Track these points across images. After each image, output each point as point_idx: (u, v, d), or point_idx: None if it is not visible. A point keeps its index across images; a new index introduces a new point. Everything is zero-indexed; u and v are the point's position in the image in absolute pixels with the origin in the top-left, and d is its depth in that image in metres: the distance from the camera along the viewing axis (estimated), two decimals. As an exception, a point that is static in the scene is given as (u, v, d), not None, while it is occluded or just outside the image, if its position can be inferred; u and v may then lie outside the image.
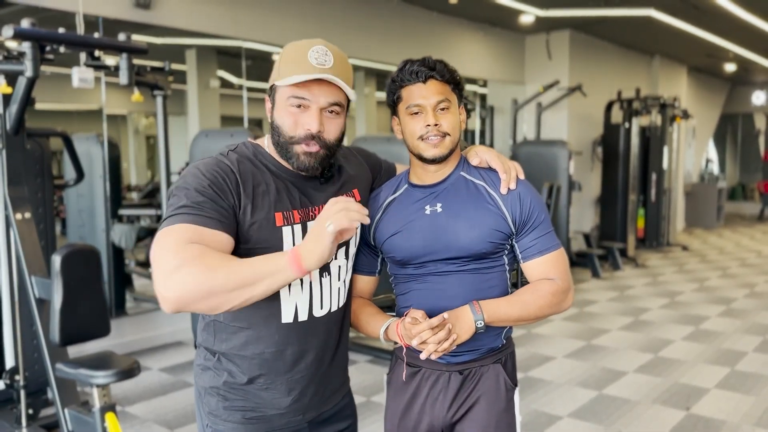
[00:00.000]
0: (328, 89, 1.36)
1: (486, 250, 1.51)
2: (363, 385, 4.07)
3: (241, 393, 1.45)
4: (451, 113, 1.51)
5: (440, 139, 1.49)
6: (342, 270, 1.51)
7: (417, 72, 1.49)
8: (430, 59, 1.52)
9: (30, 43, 3.00)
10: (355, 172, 1.59)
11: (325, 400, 1.54)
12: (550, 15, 7.73)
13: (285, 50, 1.41)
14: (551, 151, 7.56)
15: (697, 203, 12.78)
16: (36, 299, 3.10)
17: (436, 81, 1.50)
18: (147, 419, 3.68)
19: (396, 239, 1.55)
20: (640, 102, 8.95)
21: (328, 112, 1.39)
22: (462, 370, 1.55)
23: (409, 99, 1.50)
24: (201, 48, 6.28)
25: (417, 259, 1.54)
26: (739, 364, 4.59)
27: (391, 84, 1.53)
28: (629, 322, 5.77)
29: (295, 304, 1.43)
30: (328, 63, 1.36)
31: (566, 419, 3.66)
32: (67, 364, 2.81)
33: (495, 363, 1.57)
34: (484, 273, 1.53)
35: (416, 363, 1.58)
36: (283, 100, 1.38)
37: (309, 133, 1.36)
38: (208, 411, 1.49)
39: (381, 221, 1.59)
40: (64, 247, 2.84)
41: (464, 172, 1.57)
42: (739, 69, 12.33)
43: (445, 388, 1.56)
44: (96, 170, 5.20)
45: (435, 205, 1.53)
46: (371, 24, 6.82)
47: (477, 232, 1.49)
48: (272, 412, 1.46)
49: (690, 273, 8.16)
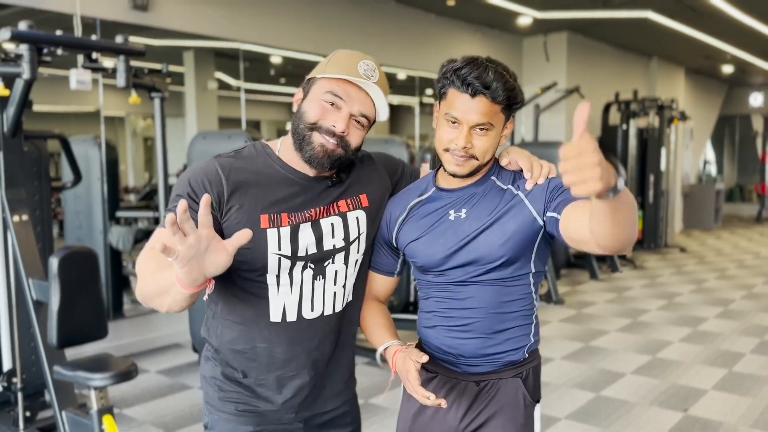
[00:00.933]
0: (364, 99, 1.40)
1: (507, 256, 1.42)
2: (360, 388, 4.04)
3: (236, 385, 1.48)
4: (488, 137, 1.39)
5: (465, 160, 1.40)
6: (340, 275, 1.48)
7: (469, 84, 1.35)
8: (490, 72, 1.36)
9: (27, 46, 3.00)
10: (366, 176, 1.56)
11: (322, 402, 1.54)
12: (547, 17, 7.74)
13: (336, 53, 1.44)
14: (549, 153, 7.53)
15: (694, 205, 12.80)
16: (33, 301, 3.09)
17: (486, 100, 1.36)
18: (144, 421, 3.68)
19: (418, 244, 1.49)
20: (637, 104, 8.97)
21: (356, 121, 1.41)
22: (478, 381, 1.49)
23: (451, 106, 1.38)
24: (198, 50, 6.28)
25: (438, 266, 1.47)
26: (736, 366, 4.60)
27: (443, 77, 1.42)
28: (627, 323, 5.77)
29: (283, 304, 1.44)
30: (373, 77, 1.39)
31: (564, 421, 3.66)
32: (64, 367, 2.81)
33: (514, 377, 1.50)
34: (507, 285, 1.45)
35: (433, 369, 1.54)
36: (318, 92, 1.39)
37: (332, 130, 1.38)
38: (206, 400, 1.54)
39: (405, 224, 1.52)
40: (62, 250, 2.84)
41: (495, 177, 1.48)
42: (737, 71, 12.36)
43: (459, 397, 1.50)
44: (93, 172, 5.20)
45: (460, 211, 1.46)
46: (369, 26, 6.83)
47: (505, 240, 1.41)
48: (265, 407, 1.49)
49: (688, 274, 8.17)
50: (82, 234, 5.40)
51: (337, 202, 1.47)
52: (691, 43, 9.38)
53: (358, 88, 1.38)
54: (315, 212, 1.44)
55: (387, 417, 3.58)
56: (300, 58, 6.41)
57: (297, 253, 1.41)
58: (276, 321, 1.44)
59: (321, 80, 1.40)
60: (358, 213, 1.50)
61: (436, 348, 1.53)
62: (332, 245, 1.45)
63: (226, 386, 1.49)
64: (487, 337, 1.46)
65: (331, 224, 1.45)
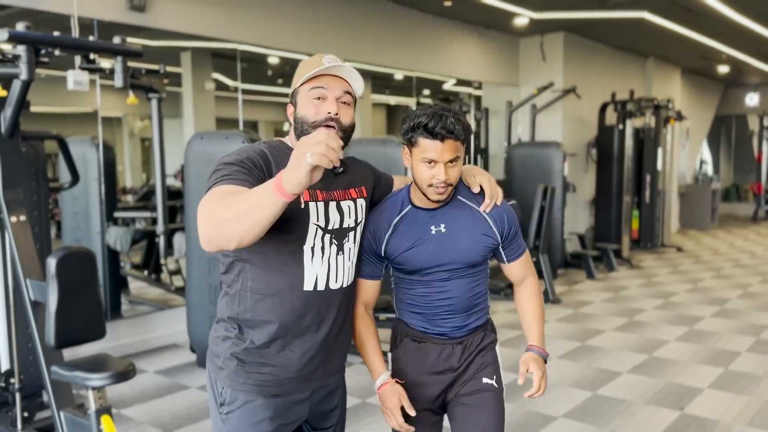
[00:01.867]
0: (340, 82, 1.65)
1: (480, 259, 1.89)
2: (358, 387, 4.08)
3: (259, 355, 1.64)
4: (458, 165, 1.77)
5: (446, 189, 1.77)
6: (352, 252, 1.74)
7: (438, 134, 1.69)
8: (452, 121, 1.70)
9: (25, 46, 3.01)
10: (361, 172, 1.84)
11: (328, 374, 1.75)
12: (544, 17, 7.76)
13: (302, 62, 1.70)
14: (546, 153, 7.59)
15: (691, 204, 12.83)
16: (31, 302, 3.10)
17: (452, 141, 1.71)
18: (142, 422, 3.68)
19: (409, 254, 1.84)
20: (634, 104, 8.99)
21: (342, 103, 1.65)
22: (461, 341, 1.93)
23: (425, 151, 1.72)
24: (196, 50, 6.28)
25: (425, 270, 1.85)
26: (732, 364, 4.62)
27: (411, 131, 1.73)
28: (623, 322, 5.79)
29: (316, 274, 1.64)
30: (338, 62, 1.65)
31: (560, 420, 3.67)
32: (62, 367, 2.81)
33: (482, 331, 1.98)
34: (475, 276, 1.91)
35: (422, 339, 1.93)
36: (304, 96, 1.65)
37: (329, 115, 1.62)
38: (224, 376, 1.66)
39: (393, 238, 1.84)
40: (60, 250, 2.85)
41: (461, 196, 1.88)
42: (733, 71, 12.39)
43: (450, 354, 1.92)
44: (91, 173, 5.20)
45: (439, 226, 1.84)
46: (366, 27, 6.84)
47: (475, 247, 1.86)
48: (284, 375, 1.66)
49: (684, 274, 8.20)
50: (80, 234, 5.40)
51: (348, 189, 1.74)
52: (687, 44, 9.41)
53: (332, 76, 1.64)
54: (337, 194, 1.70)
55: (384, 416, 3.58)
56: (297, 58, 6.42)
57: (328, 226, 1.65)
58: (308, 290, 1.63)
59: (302, 87, 1.65)
60: (362, 201, 1.78)
61: (423, 327, 1.93)
62: (348, 224, 1.71)
63: (248, 358, 1.64)
64: (465, 315, 1.91)
65: (348, 206, 1.72)
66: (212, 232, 1.35)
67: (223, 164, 1.54)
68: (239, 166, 1.53)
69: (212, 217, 1.36)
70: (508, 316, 5.89)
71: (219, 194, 1.43)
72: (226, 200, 1.38)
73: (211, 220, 1.36)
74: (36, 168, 3.59)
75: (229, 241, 1.35)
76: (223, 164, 1.54)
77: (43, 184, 3.66)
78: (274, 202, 1.30)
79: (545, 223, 6.76)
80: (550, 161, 7.51)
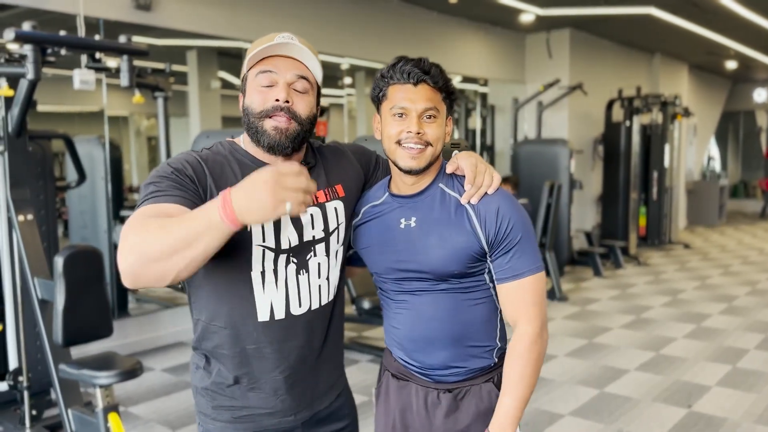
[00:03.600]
0: (293, 64, 1.37)
1: (458, 270, 1.41)
2: (364, 384, 4.08)
3: (229, 393, 1.45)
4: (437, 123, 1.40)
5: (420, 150, 1.39)
6: (323, 267, 1.46)
7: (409, 72, 1.38)
8: (426, 61, 1.40)
9: (31, 46, 3.02)
10: (341, 167, 1.55)
11: (317, 399, 1.52)
12: (550, 14, 7.73)
13: (253, 43, 1.42)
14: (552, 150, 7.57)
15: (698, 201, 12.77)
16: (39, 300, 3.11)
17: (428, 86, 1.39)
18: (150, 419, 3.70)
19: (370, 251, 1.51)
20: (641, 100, 8.95)
21: (296, 90, 1.38)
22: (452, 389, 1.48)
23: (395, 99, 1.39)
24: (201, 49, 6.29)
25: (391, 274, 1.48)
26: (740, 362, 4.59)
27: (380, 80, 1.43)
28: (631, 320, 5.77)
29: (270, 302, 1.40)
30: (293, 40, 1.37)
31: (568, 417, 3.67)
32: (70, 365, 2.83)
33: (487, 382, 1.48)
34: (464, 292, 1.44)
35: (405, 377, 1.54)
36: (252, 81, 1.39)
37: (277, 104, 1.36)
38: (199, 410, 1.50)
39: (359, 228, 1.53)
40: (67, 249, 2.86)
41: (443, 184, 1.46)
42: (741, 66, 12.32)
43: (435, 406, 1.49)
44: (98, 172, 5.22)
45: (410, 219, 1.45)
46: (370, 24, 6.83)
47: (446, 252, 1.40)
48: (260, 412, 1.45)
49: (692, 271, 8.16)
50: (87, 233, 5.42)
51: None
52: (694, 40, 9.35)
53: (284, 57, 1.37)
54: None
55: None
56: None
57: (280, 245, 1.38)
58: (264, 320, 1.40)
59: (249, 72, 1.40)
60: (336, 203, 1.49)
61: (402, 359, 1.53)
62: (312, 236, 1.43)
63: (218, 395, 1.45)
64: (453, 349, 1.45)
65: (311, 215, 1.43)
66: (141, 268, 1.10)
67: (153, 177, 1.30)
68: (171, 180, 1.29)
69: (140, 250, 1.10)
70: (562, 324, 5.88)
71: (146, 217, 1.17)
72: (157, 227, 1.12)
73: (138, 253, 1.10)
74: (43, 167, 3.60)
75: (161, 279, 1.12)
76: (153, 177, 1.30)
77: (50, 183, 3.68)
78: (220, 233, 1.08)
79: (552, 220, 6.75)
80: (556, 158, 7.49)
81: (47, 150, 3.66)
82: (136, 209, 1.25)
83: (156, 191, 1.26)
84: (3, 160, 3.33)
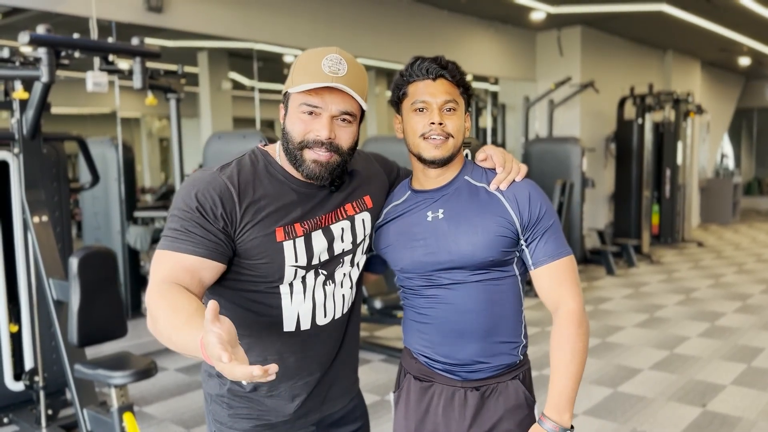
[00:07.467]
0: (340, 97, 1.33)
1: (492, 258, 1.43)
2: (377, 384, 4.08)
3: (246, 401, 1.45)
4: (457, 116, 1.44)
5: (443, 141, 1.42)
6: (347, 277, 1.47)
7: (428, 69, 1.43)
8: (443, 58, 1.46)
9: (45, 49, 3.05)
10: (369, 177, 1.54)
11: (331, 403, 1.53)
12: (561, 11, 7.70)
13: (299, 57, 1.37)
14: (564, 148, 7.54)
15: (712, 199, 12.67)
16: (54, 301, 3.14)
17: (446, 80, 1.44)
18: (164, 419, 3.72)
19: (394, 248, 1.50)
20: (653, 97, 8.89)
21: (340, 121, 1.35)
22: (479, 386, 1.48)
23: (416, 95, 1.44)
24: (213, 50, 6.32)
25: (421, 269, 1.47)
26: (755, 361, 4.55)
27: (399, 79, 1.47)
28: (644, 319, 5.74)
29: (297, 313, 1.40)
30: (341, 71, 1.32)
31: (581, 417, 3.65)
32: (85, 365, 2.85)
33: (513, 379, 1.50)
34: (495, 285, 1.45)
35: (428, 377, 1.52)
36: (295, 108, 1.35)
37: (319, 139, 1.33)
38: (214, 418, 1.49)
39: (382, 228, 1.53)
40: (81, 250, 2.88)
41: (468, 176, 1.49)
42: (754, 63, 12.20)
43: (462, 405, 1.48)
44: (111, 173, 5.26)
45: (437, 211, 1.46)
46: (381, 23, 6.83)
47: (479, 239, 1.42)
48: (277, 419, 1.46)
49: (705, 269, 8.10)
50: (100, 234, 5.46)
51: (343, 206, 1.45)
52: (707, 36, 9.28)
53: (330, 89, 1.32)
54: (325, 218, 1.41)
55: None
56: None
57: (311, 262, 1.39)
58: (290, 330, 1.40)
59: (293, 95, 1.35)
60: (363, 215, 1.49)
61: (427, 356, 1.51)
62: (341, 249, 1.44)
63: (235, 402, 1.45)
64: (484, 342, 1.45)
65: (341, 228, 1.44)
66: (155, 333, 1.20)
67: (178, 210, 1.31)
68: (194, 222, 1.29)
69: (153, 327, 1.21)
70: (526, 313, 5.86)
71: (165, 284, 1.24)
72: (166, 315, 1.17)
73: (152, 327, 1.21)
74: (57, 169, 3.63)
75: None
76: (178, 210, 1.31)
77: (64, 185, 3.71)
78: (199, 355, 1.08)
79: (564, 218, 6.72)
80: (568, 156, 7.46)
81: (61, 152, 3.69)
82: (159, 243, 1.31)
83: (178, 232, 1.29)
84: (18, 162, 3.36)
